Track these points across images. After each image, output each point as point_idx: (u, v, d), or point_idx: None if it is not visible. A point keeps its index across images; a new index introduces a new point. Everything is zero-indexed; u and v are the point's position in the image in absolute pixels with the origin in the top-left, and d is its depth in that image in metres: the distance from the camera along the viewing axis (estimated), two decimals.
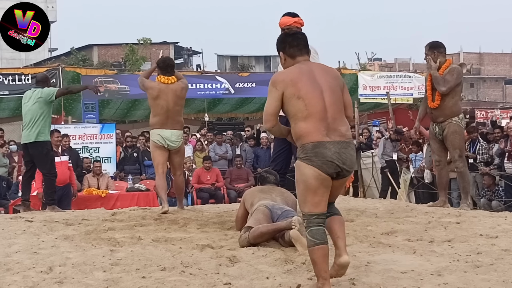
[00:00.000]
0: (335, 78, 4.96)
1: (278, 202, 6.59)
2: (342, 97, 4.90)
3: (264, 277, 4.81)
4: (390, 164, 16.45)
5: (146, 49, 46.19)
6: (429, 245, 5.93)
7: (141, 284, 4.63)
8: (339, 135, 4.70)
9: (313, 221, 4.62)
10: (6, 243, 6.25)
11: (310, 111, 4.70)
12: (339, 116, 4.79)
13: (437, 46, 8.79)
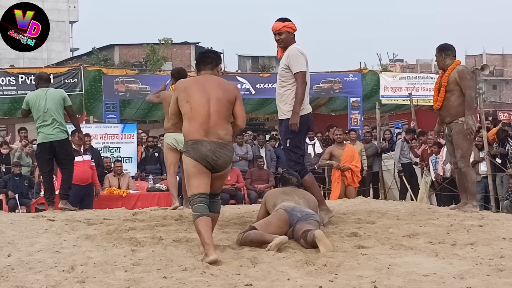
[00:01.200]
0: (227, 91, 6.07)
1: (300, 204, 6.59)
2: (228, 108, 6.01)
3: (285, 279, 4.80)
4: (408, 166, 16.39)
5: (167, 49, 46.33)
6: (451, 248, 5.89)
7: (162, 284, 4.64)
8: (216, 137, 5.88)
9: (195, 200, 5.77)
10: (29, 242, 6.29)
11: (194, 114, 5.89)
12: (220, 122, 5.93)
13: (445, 48, 8.81)
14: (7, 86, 18.23)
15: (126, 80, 19.43)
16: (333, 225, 7.27)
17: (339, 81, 21.02)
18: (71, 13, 61.86)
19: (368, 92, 22.45)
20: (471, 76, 8.64)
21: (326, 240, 5.82)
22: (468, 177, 8.66)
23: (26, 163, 15.55)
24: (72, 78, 19.07)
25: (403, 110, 24.20)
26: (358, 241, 6.20)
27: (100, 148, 16.14)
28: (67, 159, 9.84)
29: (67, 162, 9.89)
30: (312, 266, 5.21)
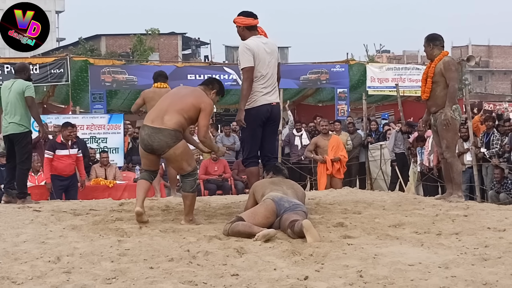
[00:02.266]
0: (197, 97, 6.97)
1: (288, 194, 6.61)
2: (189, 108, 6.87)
3: (271, 269, 4.81)
4: (400, 157, 16.46)
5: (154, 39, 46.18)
6: (436, 237, 5.92)
7: (149, 274, 4.64)
8: (158, 123, 6.78)
9: (143, 172, 7.27)
10: (14, 232, 6.27)
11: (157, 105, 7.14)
12: (171, 112, 6.83)
13: (433, 38, 8.87)
14: None
15: (113, 71, 19.36)
16: (320, 215, 7.29)
17: (326, 72, 21.03)
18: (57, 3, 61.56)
19: (355, 83, 22.49)
20: (456, 68, 8.69)
21: (313, 230, 5.84)
22: (453, 167, 8.70)
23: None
24: (58, 68, 18.97)
25: (390, 101, 24.26)
26: (344, 231, 6.22)
27: (86, 139, 16.08)
28: (20, 154, 9.53)
29: (20, 158, 9.54)
30: (298, 256, 5.22)
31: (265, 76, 7.55)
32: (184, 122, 6.91)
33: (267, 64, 7.56)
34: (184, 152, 6.96)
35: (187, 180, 6.99)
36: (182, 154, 6.93)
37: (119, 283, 4.46)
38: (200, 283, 4.43)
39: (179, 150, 6.88)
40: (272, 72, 7.60)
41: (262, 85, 7.56)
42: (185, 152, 6.99)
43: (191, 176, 6.98)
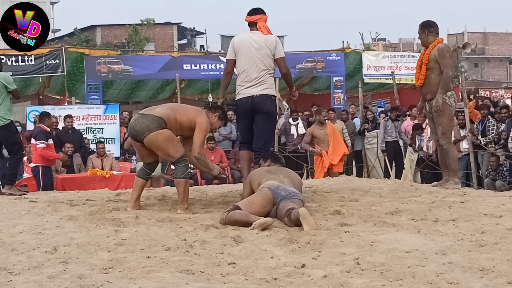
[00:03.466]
0: (195, 112, 7.23)
1: (285, 183, 6.61)
2: (183, 114, 7.13)
3: (268, 257, 4.82)
4: (393, 145, 16.46)
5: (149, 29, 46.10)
6: (433, 224, 5.93)
7: (146, 264, 4.64)
8: (148, 111, 7.12)
9: (140, 168, 7.44)
10: (11, 223, 6.27)
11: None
12: (165, 108, 7.16)
13: (428, 25, 8.84)
14: None
15: (109, 61, 19.33)
16: (316, 203, 7.29)
17: (322, 61, 21.02)
18: None
19: (351, 71, 22.49)
20: (450, 55, 8.66)
21: (310, 218, 5.85)
22: (449, 154, 8.70)
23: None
24: (53, 59, 18.94)
25: (386, 89, 24.27)
26: (341, 219, 6.23)
27: (82, 130, 16.08)
28: (9, 146, 9.85)
29: (10, 149, 9.90)
30: (295, 244, 5.22)
31: (246, 71, 7.85)
32: (172, 117, 7.05)
33: (251, 58, 7.83)
34: (168, 139, 6.99)
35: (178, 167, 7.09)
36: (166, 140, 6.98)
37: (116, 272, 4.46)
38: (197, 272, 4.43)
39: (161, 136, 6.94)
40: (258, 66, 7.82)
41: (244, 79, 7.89)
42: (170, 138, 7.02)
43: (181, 162, 7.07)
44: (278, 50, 7.94)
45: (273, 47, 7.89)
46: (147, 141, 6.99)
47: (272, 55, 7.90)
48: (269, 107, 7.88)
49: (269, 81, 7.90)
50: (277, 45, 7.94)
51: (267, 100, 7.84)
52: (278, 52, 7.94)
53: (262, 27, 7.96)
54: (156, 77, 20.75)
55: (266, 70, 7.85)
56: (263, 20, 8.03)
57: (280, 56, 7.95)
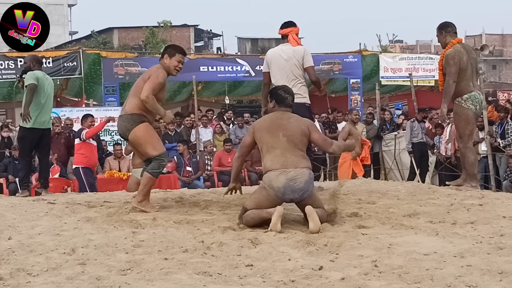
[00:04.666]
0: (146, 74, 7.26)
1: (288, 163, 6.24)
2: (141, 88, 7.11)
3: (286, 259, 4.81)
4: (419, 146, 16.37)
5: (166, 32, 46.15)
6: (451, 227, 5.90)
7: (163, 265, 4.65)
8: (122, 111, 7.31)
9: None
10: (29, 225, 6.29)
11: None
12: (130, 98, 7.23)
13: (445, 26, 8.83)
14: (6, 70, 18.19)
15: (126, 63, 19.38)
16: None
17: (339, 63, 20.98)
18: None
19: (368, 73, 22.42)
20: (454, 61, 8.47)
21: (315, 216, 5.85)
22: (465, 157, 8.65)
23: None
24: (71, 61, 19.02)
25: (403, 91, 24.18)
26: (359, 221, 6.21)
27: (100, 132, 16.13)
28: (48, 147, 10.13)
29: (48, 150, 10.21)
30: (313, 246, 5.21)
31: (279, 81, 8.24)
32: (140, 103, 7.12)
33: (282, 69, 8.41)
34: (146, 135, 7.13)
35: (153, 162, 7.19)
36: (144, 136, 7.12)
37: (134, 274, 4.47)
38: (215, 274, 4.44)
39: (139, 132, 7.11)
40: (288, 77, 8.34)
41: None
42: (148, 134, 7.16)
43: (157, 160, 7.17)
44: (306, 60, 8.41)
45: (301, 57, 8.37)
46: (130, 139, 7.26)
47: (301, 65, 8.39)
48: (304, 114, 7.94)
49: (301, 90, 8.37)
50: (305, 55, 8.39)
51: (301, 108, 8.10)
52: (306, 61, 8.41)
53: (292, 39, 8.46)
54: (173, 79, 20.78)
55: (297, 80, 8.38)
56: (294, 33, 8.52)
57: (308, 65, 8.43)
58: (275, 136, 6.33)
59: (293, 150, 6.31)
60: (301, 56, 8.38)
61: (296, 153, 6.31)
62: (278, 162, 6.22)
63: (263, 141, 6.38)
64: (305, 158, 6.37)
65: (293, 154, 6.28)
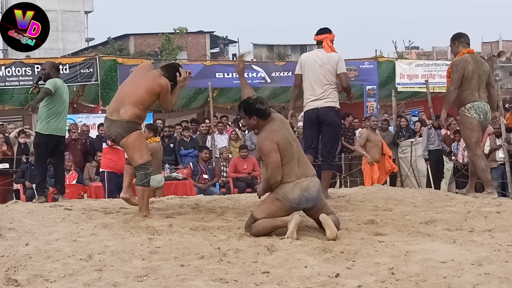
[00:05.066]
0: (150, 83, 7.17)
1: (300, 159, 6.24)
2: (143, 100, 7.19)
3: (302, 266, 4.80)
4: (435, 153, 16.28)
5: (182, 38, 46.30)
6: (469, 234, 5.87)
7: (180, 272, 4.65)
8: (116, 115, 7.14)
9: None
10: (46, 231, 6.32)
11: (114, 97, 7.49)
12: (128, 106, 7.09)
13: (458, 36, 9.01)
14: (23, 76, 18.26)
15: None
16: (350, 212, 7.26)
17: (355, 69, 20.93)
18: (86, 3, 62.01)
19: (384, 80, 22.36)
20: (457, 69, 8.64)
21: (331, 223, 5.85)
22: (476, 165, 8.70)
23: None
24: (87, 68, 19.09)
25: (419, 98, 24.10)
26: (375, 228, 6.20)
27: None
28: (62, 154, 10.15)
29: (63, 157, 10.24)
30: (329, 253, 5.20)
31: (312, 85, 8.74)
32: (139, 113, 7.24)
33: (316, 73, 8.71)
34: (136, 142, 7.23)
35: (138, 173, 7.29)
36: (134, 143, 7.21)
37: (150, 280, 4.48)
38: (231, 281, 4.44)
39: (131, 138, 7.19)
40: (321, 81, 8.68)
41: (310, 93, 8.78)
42: (138, 142, 7.26)
43: (142, 170, 7.25)
44: (340, 66, 8.72)
45: (335, 64, 8.69)
46: (121, 145, 7.38)
47: (335, 71, 8.69)
48: (333, 118, 8.73)
49: (332, 95, 8.72)
50: (339, 61, 8.72)
51: (330, 112, 8.68)
52: (340, 68, 8.72)
53: (327, 45, 8.77)
54: (189, 86, 20.74)
55: (329, 84, 8.69)
56: (329, 39, 8.83)
57: (341, 71, 8.73)
58: (290, 144, 6.28)
59: (301, 156, 6.34)
60: (335, 63, 8.69)
61: (303, 159, 6.34)
62: (292, 174, 6.18)
63: (285, 153, 6.19)
64: (309, 163, 6.48)
65: (302, 162, 6.28)
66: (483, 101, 8.73)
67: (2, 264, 4.89)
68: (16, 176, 15.03)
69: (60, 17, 59.48)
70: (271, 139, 6.16)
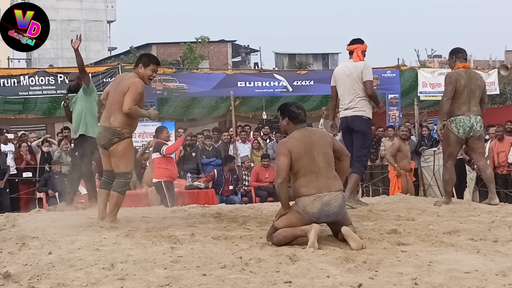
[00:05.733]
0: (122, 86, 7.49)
1: (321, 170, 6.18)
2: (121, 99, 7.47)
3: (324, 276, 4.78)
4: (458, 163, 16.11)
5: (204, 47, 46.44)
6: (493, 244, 5.82)
7: (202, 281, 4.64)
8: (108, 123, 7.51)
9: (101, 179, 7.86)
10: (69, 239, 6.34)
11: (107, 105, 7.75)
12: (115, 113, 7.46)
13: (456, 52, 9.35)
14: (46, 85, 18.38)
15: (164, 79, 19.48)
16: (373, 222, 7.23)
17: (377, 78, 20.81)
18: (108, 12, 62.38)
19: (406, 88, 22.26)
20: (450, 81, 8.98)
21: (354, 235, 5.85)
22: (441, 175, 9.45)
23: (66, 162, 15.71)
24: (110, 77, 19.15)
25: None
26: (398, 238, 6.16)
27: (138, 147, 16.21)
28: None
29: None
30: (351, 263, 5.18)
31: (342, 95, 9.13)
32: (126, 118, 7.49)
33: (344, 84, 9.05)
34: (125, 150, 7.52)
35: (118, 180, 7.53)
36: (124, 151, 7.50)
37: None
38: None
39: (121, 146, 7.49)
40: (349, 91, 9.02)
41: (341, 102, 9.18)
42: (127, 151, 7.56)
43: (123, 177, 7.53)
44: (365, 74, 8.95)
45: (360, 72, 8.94)
46: (110, 151, 7.55)
47: (361, 79, 8.96)
48: (359, 126, 9.03)
49: (359, 104, 8.99)
50: (364, 69, 8.95)
51: (357, 121, 9.00)
52: (364, 76, 8.95)
53: (356, 55, 9.06)
54: (211, 95, 20.83)
55: (356, 94, 8.98)
56: (360, 50, 9.11)
57: (366, 79, 8.96)
58: (311, 156, 6.20)
59: (327, 171, 6.23)
60: (361, 71, 8.94)
61: (329, 174, 6.24)
62: (313, 187, 6.15)
63: (301, 163, 6.18)
64: (337, 179, 6.30)
65: (326, 177, 6.20)
66: (472, 114, 8.97)
67: (25, 272, 4.91)
68: (39, 185, 15.13)
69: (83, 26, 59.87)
70: (286, 145, 6.25)
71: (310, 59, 54.48)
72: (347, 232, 5.91)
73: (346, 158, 6.58)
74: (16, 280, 4.74)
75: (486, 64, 46.06)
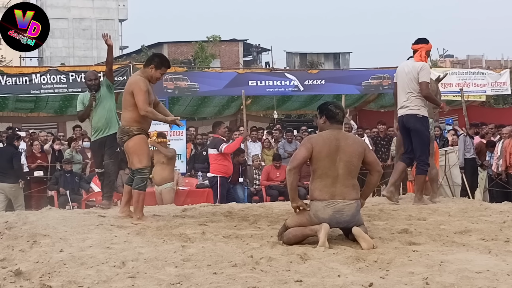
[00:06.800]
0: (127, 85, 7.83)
1: (339, 178, 6.11)
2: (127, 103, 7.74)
3: (335, 275, 4.78)
4: (471, 163, 16.08)
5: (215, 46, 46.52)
6: (504, 244, 5.80)
7: (213, 280, 4.65)
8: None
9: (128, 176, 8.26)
10: (80, 237, 6.36)
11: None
12: (123, 112, 7.75)
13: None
14: (58, 84, 18.41)
15: (175, 78, 19.48)
16: (384, 221, 7.22)
17: (388, 77, 20.75)
18: (120, 11, 62.52)
19: None
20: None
21: (365, 236, 5.85)
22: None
23: (77, 161, 15.75)
24: (121, 75, 19.19)
25: (454, 106, 23.84)
26: (409, 238, 6.15)
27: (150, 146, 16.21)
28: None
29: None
30: (362, 262, 5.17)
31: (399, 93, 9.26)
32: (131, 115, 7.68)
33: (402, 82, 9.20)
34: (136, 147, 7.65)
35: (135, 178, 7.73)
36: (134, 147, 7.64)
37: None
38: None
39: (131, 142, 7.68)
40: (405, 90, 9.14)
41: (398, 100, 9.31)
42: (138, 147, 7.66)
43: (139, 174, 7.67)
44: (421, 75, 9.02)
45: (417, 73, 9.01)
46: (124, 149, 7.85)
47: (417, 79, 9.03)
48: (414, 125, 9.10)
49: (413, 103, 9.07)
50: (420, 71, 9.01)
51: (411, 119, 9.09)
52: (420, 77, 9.01)
53: (419, 55, 9.14)
54: (222, 94, 20.84)
55: (411, 93, 9.08)
56: (424, 50, 9.17)
57: (421, 80, 9.01)
58: (333, 160, 6.12)
59: (346, 179, 6.14)
60: (417, 72, 8.99)
61: (347, 182, 6.15)
62: (327, 192, 6.12)
63: (320, 164, 6.14)
64: (354, 188, 6.20)
65: (343, 184, 6.13)
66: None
67: (36, 270, 4.93)
68: (50, 183, 15.17)
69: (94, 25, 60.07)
70: (311, 140, 6.27)
71: (322, 59, 54.49)
72: (358, 233, 5.90)
73: (376, 174, 6.43)
74: (28, 277, 4.76)
75: (498, 64, 45.95)
